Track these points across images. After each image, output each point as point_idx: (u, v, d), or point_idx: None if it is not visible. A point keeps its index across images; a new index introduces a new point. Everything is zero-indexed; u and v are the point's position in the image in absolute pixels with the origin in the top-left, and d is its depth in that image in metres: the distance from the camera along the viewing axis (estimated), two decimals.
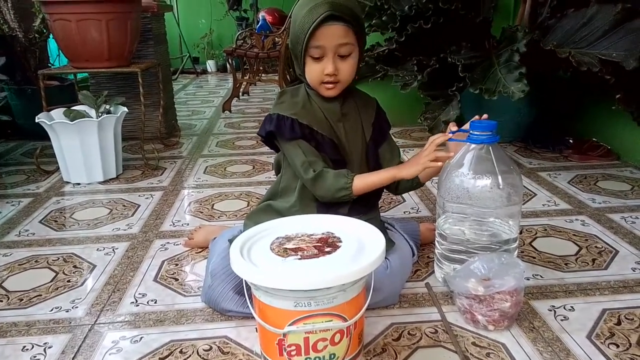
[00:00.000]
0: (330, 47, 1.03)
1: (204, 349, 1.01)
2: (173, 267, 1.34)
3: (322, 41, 1.02)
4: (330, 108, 1.14)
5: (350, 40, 1.04)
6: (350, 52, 1.06)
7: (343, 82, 1.09)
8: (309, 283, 0.78)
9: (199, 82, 5.10)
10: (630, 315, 1.08)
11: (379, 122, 1.19)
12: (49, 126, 1.92)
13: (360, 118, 1.17)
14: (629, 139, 2.10)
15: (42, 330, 1.09)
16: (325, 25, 1.01)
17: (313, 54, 1.04)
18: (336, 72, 1.05)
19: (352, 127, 1.15)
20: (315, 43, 1.03)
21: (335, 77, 1.06)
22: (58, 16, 1.99)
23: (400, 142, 2.52)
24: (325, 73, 1.05)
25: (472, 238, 1.14)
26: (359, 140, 1.16)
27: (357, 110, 1.17)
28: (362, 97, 1.20)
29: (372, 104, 1.21)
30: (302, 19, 1.02)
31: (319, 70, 1.06)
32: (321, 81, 1.07)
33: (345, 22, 1.02)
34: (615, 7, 1.85)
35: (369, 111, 1.19)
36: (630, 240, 1.43)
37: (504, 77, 1.85)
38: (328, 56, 1.04)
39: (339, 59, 1.05)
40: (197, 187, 1.96)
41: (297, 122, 1.10)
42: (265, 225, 0.96)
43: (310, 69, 1.07)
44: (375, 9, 2.43)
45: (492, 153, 1.08)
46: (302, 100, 1.14)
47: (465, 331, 1.04)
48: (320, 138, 1.11)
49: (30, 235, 1.56)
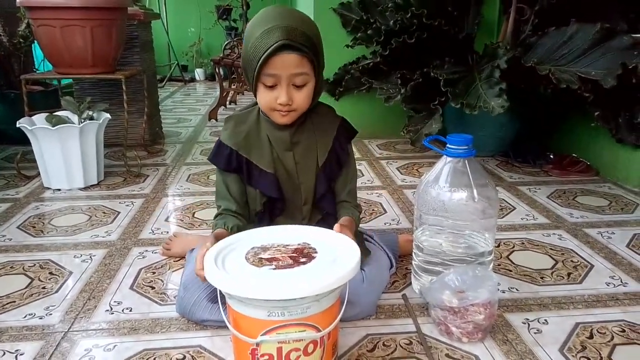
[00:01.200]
0: (284, 76, 0.97)
1: (177, 358, 1.00)
2: (150, 275, 1.34)
3: (275, 70, 0.96)
4: (279, 137, 1.10)
5: (305, 69, 0.98)
6: (306, 82, 1.00)
7: (298, 110, 1.04)
8: (282, 293, 0.78)
9: (186, 90, 5.10)
10: (603, 329, 1.09)
11: (335, 151, 1.12)
12: (30, 131, 1.90)
13: (316, 144, 1.11)
14: (608, 155, 2.14)
15: (15, 337, 1.07)
16: (279, 55, 0.95)
17: (266, 82, 0.99)
18: (290, 101, 1.00)
19: (304, 154, 1.10)
20: (268, 71, 0.97)
21: (288, 107, 1.01)
22: (42, 22, 1.98)
23: (384, 154, 2.54)
24: (278, 102, 0.99)
25: (448, 250, 1.15)
26: (312, 167, 1.11)
27: (313, 136, 1.11)
28: (323, 118, 1.13)
29: (332, 127, 1.13)
30: (255, 42, 0.96)
31: (271, 98, 1.00)
32: (274, 109, 1.02)
33: (299, 51, 0.96)
34: (595, 27, 1.90)
35: (328, 135, 1.12)
36: (606, 255, 1.45)
37: (484, 93, 1.89)
38: (282, 85, 0.98)
39: (294, 88, 1.00)
40: (179, 195, 1.96)
41: (235, 153, 1.09)
42: (240, 235, 0.96)
43: (262, 95, 1.01)
44: (361, 23, 2.46)
45: (468, 167, 1.09)
46: (248, 128, 1.10)
47: (439, 343, 1.05)
48: (257, 173, 1.09)
49: (7, 241, 1.54)
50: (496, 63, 1.96)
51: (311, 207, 1.15)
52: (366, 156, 2.51)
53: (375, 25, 2.35)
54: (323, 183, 1.12)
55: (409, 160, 2.43)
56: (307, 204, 1.15)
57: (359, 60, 2.66)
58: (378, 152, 2.58)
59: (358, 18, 2.50)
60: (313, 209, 1.16)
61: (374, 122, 2.78)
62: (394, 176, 2.19)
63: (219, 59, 3.56)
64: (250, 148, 1.10)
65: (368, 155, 2.52)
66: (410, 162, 2.40)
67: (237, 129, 1.11)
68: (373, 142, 2.76)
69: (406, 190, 2.01)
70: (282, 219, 1.14)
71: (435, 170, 1.13)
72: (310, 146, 1.11)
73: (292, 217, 1.15)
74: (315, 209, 1.17)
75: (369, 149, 2.63)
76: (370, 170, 2.27)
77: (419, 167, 2.31)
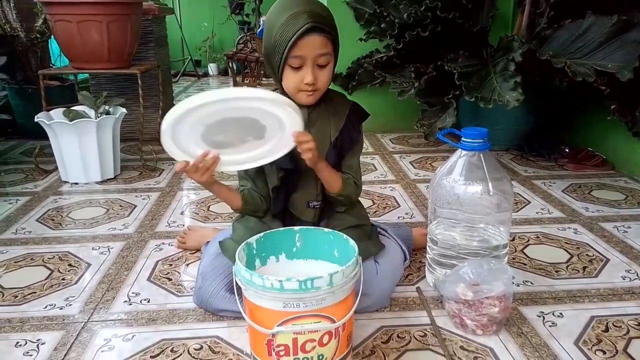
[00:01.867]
0: (310, 57, 1.03)
1: (194, 348, 1.02)
2: (167, 267, 1.36)
3: (303, 51, 1.02)
4: None
5: (328, 50, 1.05)
6: (329, 61, 1.07)
7: (321, 90, 1.10)
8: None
9: (200, 85, 5.12)
10: (618, 323, 1.09)
11: (348, 129, 1.18)
12: (48, 126, 1.93)
13: (329, 122, 1.17)
14: (624, 149, 2.12)
15: (36, 327, 1.10)
16: (306, 37, 1.01)
17: (293, 64, 1.04)
18: (315, 81, 1.06)
19: (319, 132, 1.15)
20: (296, 53, 1.03)
21: (314, 86, 1.07)
22: (59, 17, 2.01)
23: (398, 148, 2.54)
24: (305, 82, 1.05)
25: (462, 243, 1.15)
26: (325, 144, 1.16)
27: (327, 115, 1.17)
28: (337, 100, 1.19)
29: (344, 108, 1.19)
30: (281, 28, 1.02)
31: (298, 79, 1.06)
32: (300, 89, 1.08)
33: (325, 33, 1.03)
34: (611, 19, 1.87)
35: (341, 115, 1.18)
36: (622, 249, 1.44)
37: (499, 86, 1.87)
38: (307, 66, 1.04)
39: (317, 68, 1.06)
40: (194, 189, 1.97)
41: None
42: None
43: (288, 78, 1.07)
44: (374, 16, 2.45)
45: (483, 160, 1.09)
46: None
47: (454, 335, 1.05)
48: None
49: (27, 234, 1.57)
50: (511, 56, 1.95)
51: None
52: (379, 150, 2.51)
53: (388, 18, 2.34)
54: (332, 157, 1.16)
55: (422, 154, 2.43)
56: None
57: (372, 54, 2.65)
58: (391, 146, 2.58)
59: (371, 11, 2.50)
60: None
61: (387, 116, 2.78)
62: (407, 170, 2.19)
63: (232, 54, 3.57)
64: None
65: (381, 149, 2.52)
66: (423, 156, 2.39)
67: None
68: (386, 136, 2.76)
69: (419, 184, 2.01)
70: (298, 195, 1.17)
71: (450, 163, 1.13)
72: (324, 124, 1.16)
73: (307, 193, 1.17)
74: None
75: (382, 143, 2.63)
76: (383, 164, 2.27)
77: (433, 161, 2.30)
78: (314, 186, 1.16)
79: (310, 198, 1.16)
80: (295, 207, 1.17)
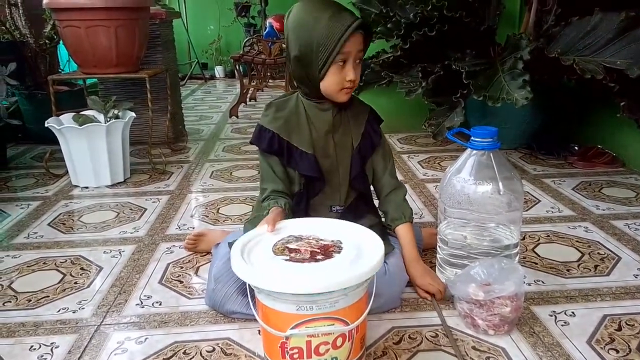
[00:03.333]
0: (353, 53, 1.06)
1: (207, 350, 1.02)
2: (178, 269, 1.36)
3: (349, 48, 1.05)
4: (324, 119, 1.16)
5: (364, 47, 1.08)
6: (362, 57, 1.10)
7: (355, 86, 1.12)
8: (310, 287, 0.80)
9: (207, 88, 5.14)
10: (631, 321, 1.09)
11: (369, 133, 1.20)
12: (58, 130, 1.95)
13: (351, 127, 1.18)
14: (634, 146, 2.10)
15: (49, 331, 1.11)
16: (354, 34, 1.03)
17: (339, 61, 1.06)
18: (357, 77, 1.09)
19: (342, 136, 1.17)
20: (343, 50, 1.04)
21: (355, 83, 1.09)
22: (67, 23, 2.03)
23: (406, 148, 2.53)
24: (348, 79, 1.07)
25: (473, 243, 1.15)
26: (348, 149, 1.18)
27: (348, 120, 1.18)
28: (356, 105, 1.21)
29: (364, 112, 1.22)
30: (328, 27, 1.03)
31: (341, 77, 1.07)
32: (342, 87, 1.09)
33: (367, 30, 1.06)
34: (619, 16, 1.86)
35: (360, 120, 1.20)
36: (634, 247, 1.43)
37: (507, 84, 1.87)
38: (349, 62, 1.06)
39: (356, 65, 1.09)
40: (203, 192, 1.98)
41: (277, 136, 1.15)
42: (282, 224, 1.00)
43: (333, 77, 1.08)
44: (380, 16, 2.45)
45: (493, 159, 1.09)
46: (288, 113, 1.17)
47: (465, 335, 1.05)
48: (297, 154, 1.15)
49: (39, 238, 1.59)
50: (519, 54, 1.94)
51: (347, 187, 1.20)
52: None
53: (395, 18, 2.34)
54: (357, 163, 1.18)
55: (430, 154, 2.42)
56: (344, 184, 1.19)
57: (379, 54, 2.65)
58: (399, 146, 2.58)
59: (377, 12, 2.49)
60: (349, 189, 1.21)
61: (395, 116, 2.77)
62: (415, 170, 2.18)
63: (238, 56, 3.58)
64: (290, 132, 1.16)
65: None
66: (431, 155, 2.39)
67: (277, 115, 1.18)
68: (394, 136, 2.75)
69: (428, 184, 2.00)
70: (319, 198, 1.19)
71: (459, 163, 1.13)
72: (346, 129, 1.18)
73: (331, 198, 1.20)
74: (350, 189, 1.21)
75: (390, 143, 2.63)
76: None
77: (441, 161, 2.30)
78: (337, 192, 1.19)
79: (334, 203, 1.19)
80: (316, 211, 1.18)
